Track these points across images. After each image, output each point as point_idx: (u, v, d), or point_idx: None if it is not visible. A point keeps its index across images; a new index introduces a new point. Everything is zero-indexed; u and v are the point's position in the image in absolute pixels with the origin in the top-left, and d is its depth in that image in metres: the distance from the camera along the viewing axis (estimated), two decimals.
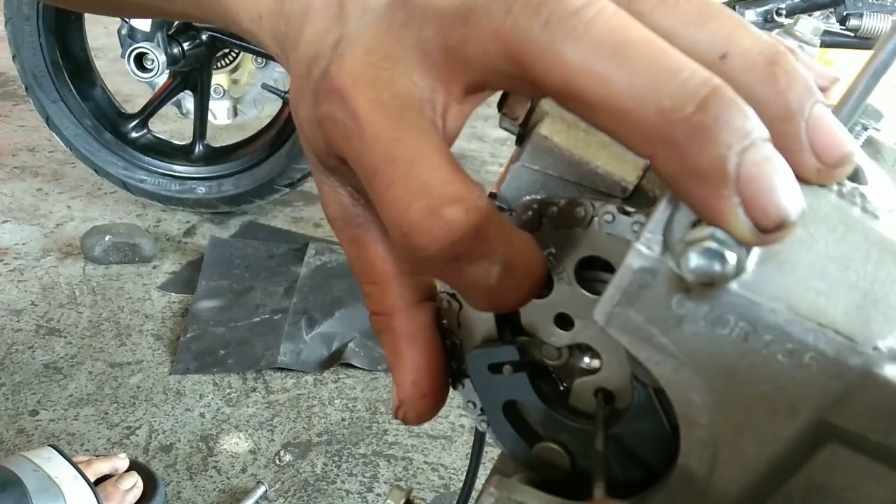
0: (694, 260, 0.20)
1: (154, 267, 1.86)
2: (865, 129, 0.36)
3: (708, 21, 0.23)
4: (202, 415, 1.42)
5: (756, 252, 0.21)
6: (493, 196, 0.29)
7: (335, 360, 1.56)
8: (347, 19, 0.27)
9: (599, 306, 0.23)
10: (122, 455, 1.20)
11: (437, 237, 0.23)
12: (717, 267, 0.20)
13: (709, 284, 0.20)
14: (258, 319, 1.68)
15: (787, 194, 0.20)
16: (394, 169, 0.24)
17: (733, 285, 0.21)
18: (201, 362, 1.54)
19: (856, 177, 0.35)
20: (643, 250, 0.22)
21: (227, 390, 1.49)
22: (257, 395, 1.48)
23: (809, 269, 0.22)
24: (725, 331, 0.22)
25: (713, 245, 0.19)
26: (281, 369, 1.54)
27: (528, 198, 0.28)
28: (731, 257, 0.20)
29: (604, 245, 0.26)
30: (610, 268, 0.26)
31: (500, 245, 0.24)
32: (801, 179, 0.23)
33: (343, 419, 1.44)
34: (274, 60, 1.83)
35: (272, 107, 2.09)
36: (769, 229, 0.20)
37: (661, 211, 0.22)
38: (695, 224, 0.21)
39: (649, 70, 0.20)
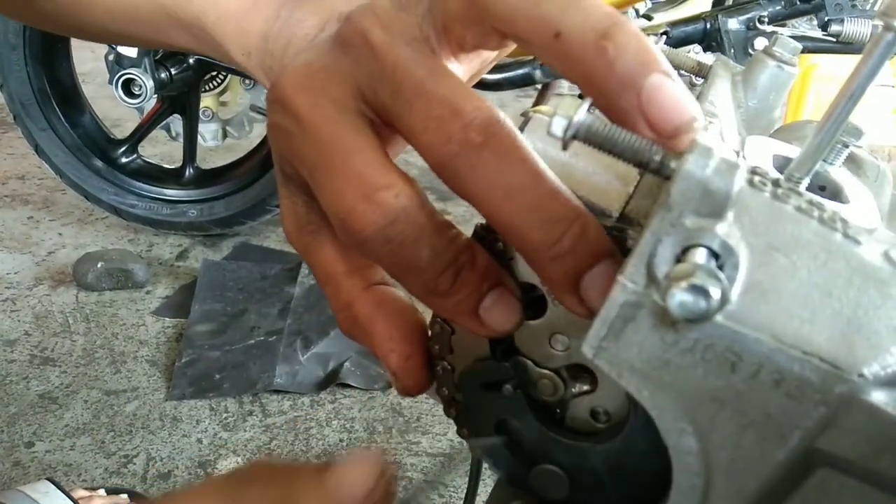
0: (679, 296, 0.20)
1: (147, 292, 1.86)
2: (846, 146, 0.36)
3: (542, 1, 0.24)
4: (199, 440, 1.42)
5: (740, 282, 0.22)
6: None
7: (331, 380, 1.56)
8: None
9: (587, 340, 0.23)
10: (124, 496, 1.18)
11: (371, 221, 0.25)
12: (701, 303, 0.20)
13: (694, 320, 0.21)
14: (253, 342, 1.68)
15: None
16: (331, 162, 0.26)
17: (718, 317, 0.21)
18: (197, 387, 1.54)
19: (837, 196, 0.35)
20: (627, 284, 0.22)
21: (224, 415, 1.48)
22: (254, 418, 1.48)
23: (793, 298, 0.22)
24: (712, 361, 0.22)
25: (697, 281, 0.20)
26: (277, 391, 1.53)
27: None
28: (715, 292, 0.20)
29: None
30: None
31: (428, 229, 0.26)
32: None
33: (341, 440, 1.43)
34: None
35: (261, 128, 2.09)
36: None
37: (644, 244, 0.22)
38: (678, 257, 0.21)
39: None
